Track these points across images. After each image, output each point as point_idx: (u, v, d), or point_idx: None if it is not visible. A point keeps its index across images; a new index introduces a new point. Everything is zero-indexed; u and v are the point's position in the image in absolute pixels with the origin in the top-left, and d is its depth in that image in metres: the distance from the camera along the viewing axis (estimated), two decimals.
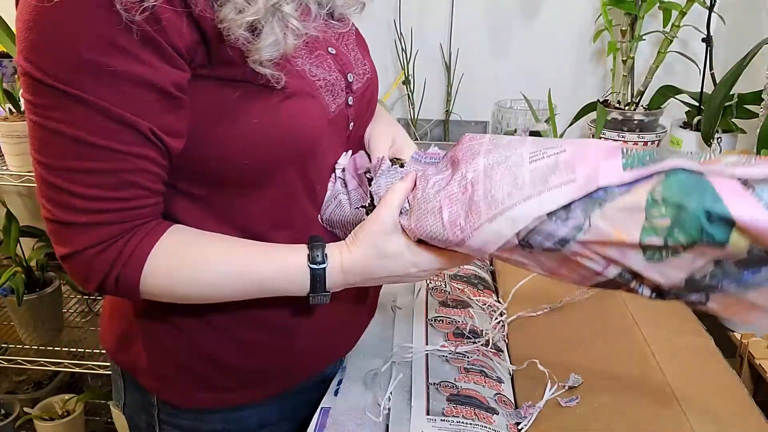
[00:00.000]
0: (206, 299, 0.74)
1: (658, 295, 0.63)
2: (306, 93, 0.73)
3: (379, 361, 1.00)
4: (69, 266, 0.69)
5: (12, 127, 1.55)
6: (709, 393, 0.80)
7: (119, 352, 0.88)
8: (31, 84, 0.63)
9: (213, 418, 0.87)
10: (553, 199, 0.61)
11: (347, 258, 0.73)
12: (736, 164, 0.57)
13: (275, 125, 0.70)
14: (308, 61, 0.75)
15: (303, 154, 0.74)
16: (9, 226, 1.73)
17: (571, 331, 0.99)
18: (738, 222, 0.54)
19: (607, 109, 1.60)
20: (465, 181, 0.68)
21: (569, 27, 1.72)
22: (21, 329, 1.83)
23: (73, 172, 0.64)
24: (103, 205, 0.66)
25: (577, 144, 0.64)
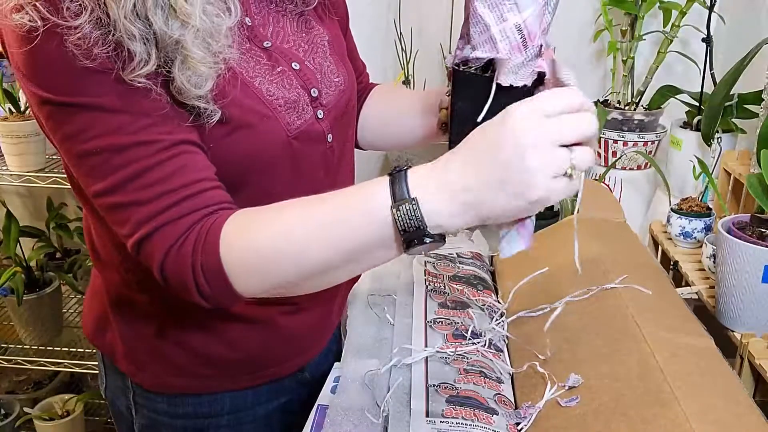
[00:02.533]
0: (295, 264, 0.65)
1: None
2: (261, 115, 0.73)
3: (376, 361, 1.00)
4: (168, 283, 0.68)
5: (12, 127, 1.55)
6: (709, 393, 0.80)
7: (97, 336, 0.91)
8: (54, 115, 0.66)
9: (186, 401, 0.89)
10: None
11: (439, 163, 0.61)
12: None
13: (230, 146, 0.71)
14: (268, 79, 0.75)
15: (261, 171, 0.75)
16: (9, 226, 1.73)
17: (571, 331, 0.98)
18: None
19: (607, 109, 1.60)
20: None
21: (569, 27, 1.72)
22: (21, 329, 1.83)
23: (131, 180, 0.65)
24: (169, 199, 0.66)
25: None
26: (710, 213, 1.28)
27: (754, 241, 0.98)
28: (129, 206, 0.66)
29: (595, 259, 1.15)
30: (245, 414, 0.93)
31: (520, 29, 0.69)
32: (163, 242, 0.66)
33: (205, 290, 0.67)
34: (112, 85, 0.65)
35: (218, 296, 0.68)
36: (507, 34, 0.69)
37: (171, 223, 0.66)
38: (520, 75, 0.71)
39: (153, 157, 0.65)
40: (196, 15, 0.64)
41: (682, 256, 1.28)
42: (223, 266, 0.65)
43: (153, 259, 0.67)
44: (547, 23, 0.72)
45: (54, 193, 1.87)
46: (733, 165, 1.31)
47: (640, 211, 1.62)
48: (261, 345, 0.88)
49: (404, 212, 0.59)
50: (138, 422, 0.92)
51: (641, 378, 0.83)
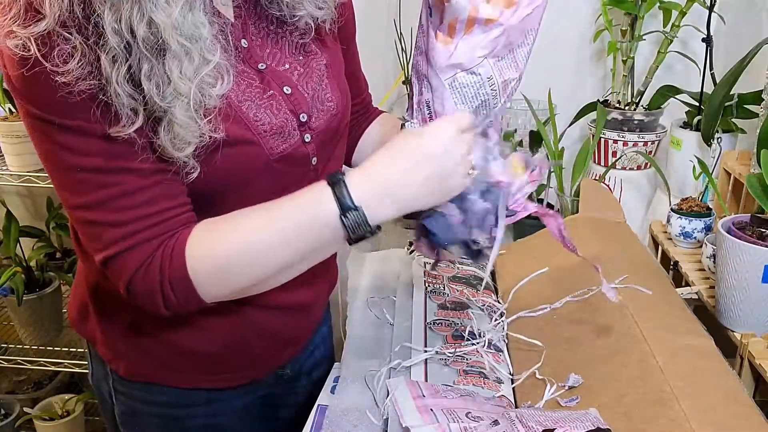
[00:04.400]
0: (258, 267, 0.71)
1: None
2: (244, 139, 0.75)
3: (376, 361, 1.00)
4: (134, 299, 0.72)
5: (12, 127, 1.55)
6: (709, 393, 0.80)
7: (80, 322, 0.94)
8: (41, 129, 0.67)
9: (162, 389, 0.91)
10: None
11: (367, 163, 0.71)
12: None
13: (207, 169, 0.72)
14: (256, 104, 0.77)
15: (240, 188, 0.77)
16: (9, 226, 1.73)
17: (571, 331, 0.98)
18: None
19: (607, 109, 1.60)
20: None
21: (569, 27, 1.72)
22: (21, 329, 1.83)
23: (107, 202, 0.68)
24: (144, 222, 0.69)
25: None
26: (710, 213, 1.28)
27: (754, 241, 0.98)
28: (104, 225, 0.69)
29: (595, 259, 1.15)
30: (222, 405, 0.94)
31: (428, 106, 0.78)
32: (132, 262, 0.70)
33: (171, 302, 0.71)
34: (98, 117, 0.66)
35: (184, 305, 0.72)
36: (420, 107, 0.78)
37: (142, 245, 0.70)
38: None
39: (134, 182, 0.68)
40: (190, 91, 0.66)
41: (682, 256, 1.28)
42: (190, 276, 0.70)
43: (120, 277, 0.71)
44: (453, 109, 0.77)
45: (54, 193, 1.87)
46: (733, 165, 1.31)
47: (640, 211, 1.62)
48: (237, 339, 0.89)
49: (352, 220, 0.69)
50: (118, 408, 0.94)
51: (641, 378, 0.83)
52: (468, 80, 0.76)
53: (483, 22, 0.73)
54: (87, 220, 0.70)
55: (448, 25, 0.73)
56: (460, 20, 0.73)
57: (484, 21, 0.72)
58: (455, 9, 0.72)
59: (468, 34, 0.73)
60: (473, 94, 0.76)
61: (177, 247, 0.70)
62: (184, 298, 0.71)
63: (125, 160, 0.68)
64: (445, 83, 0.75)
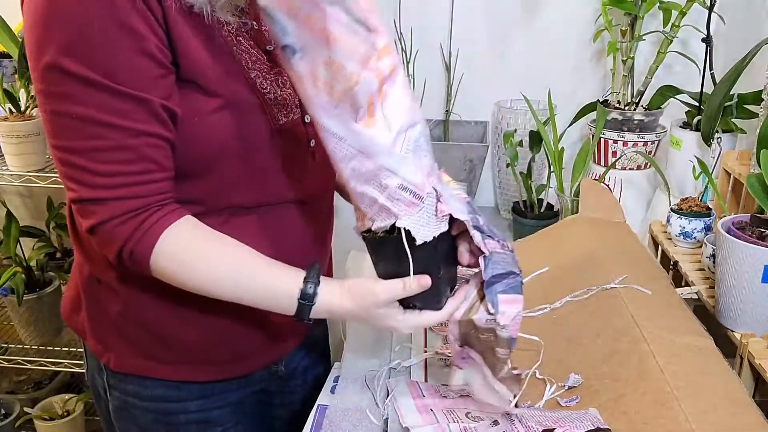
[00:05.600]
0: (204, 293, 0.79)
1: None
2: (248, 103, 0.79)
3: (376, 361, 1.00)
4: (94, 239, 0.76)
5: (12, 127, 1.55)
6: (709, 393, 0.80)
7: (72, 316, 0.95)
8: (46, 74, 0.69)
9: (155, 384, 0.91)
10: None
11: (337, 305, 0.80)
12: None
13: (216, 123, 0.77)
14: (263, 75, 0.81)
15: (241, 154, 0.80)
16: (9, 226, 1.73)
17: (571, 331, 0.98)
18: None
19: (607, 109, 1.60)
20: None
21: (569, 27, 1.72)
22: (21, 329, 1.83)
23: (92, 152, 0.71)
24: (122, 179, 0.72)
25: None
26: (710, 213, 1.28)
27: (754, 241, 0.98)
28: (84, 170, 0.72)
29: (595, 259, 1.15)
30: (215, 399, 0.95)
31: (404, 187, 0.73)
32: (104, 212, 0.73)
33: (123, 261, 0.76)
34: (119, 59, 0.69)
35: (131, 269, 0.78)
36: (395, 197, 0.73)
37: (119, 201, 0.73)
38: (429, 228, 0.75)
39: (121, 140, 0.71)
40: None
41: (682, 256, 1.28)
42: (150, 260, 0.76)
43: (89, 219, 0.74)
44: (428, 166, 0.75)
45: (54, 193, 1.87)
46: (732, 165, 1.31)
47: (640, 211, 1.62)
48: (222, 331, 0.89)
49: (304, 311, 0.79)
50: (111, 403, 0.95)
51: (641, 378, 0.83)
52: (415, 131, 0.74)
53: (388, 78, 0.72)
54: (69, 161, 0.73)
55: (367, 105, 0.71)
56: (372, 92, 0.71)
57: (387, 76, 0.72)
58: (366, 86, 0.70)
59: (384, 101, 0.72)
60: (425, 142, 0.76)
61: (154, 229, 0.74)
62: (135, 267, 0.76)
63: (119, 117, 0.70)
64: (407, 151, 0.73)
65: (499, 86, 1.77)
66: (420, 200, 0.74)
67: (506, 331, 0.76)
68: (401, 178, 0.72)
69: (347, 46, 0.68)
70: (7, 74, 1.68)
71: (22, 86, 1.57)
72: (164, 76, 0.72)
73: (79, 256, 0.91)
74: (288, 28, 0.68)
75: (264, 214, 0.86)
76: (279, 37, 0.69)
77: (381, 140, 0.71)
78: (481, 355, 0.77)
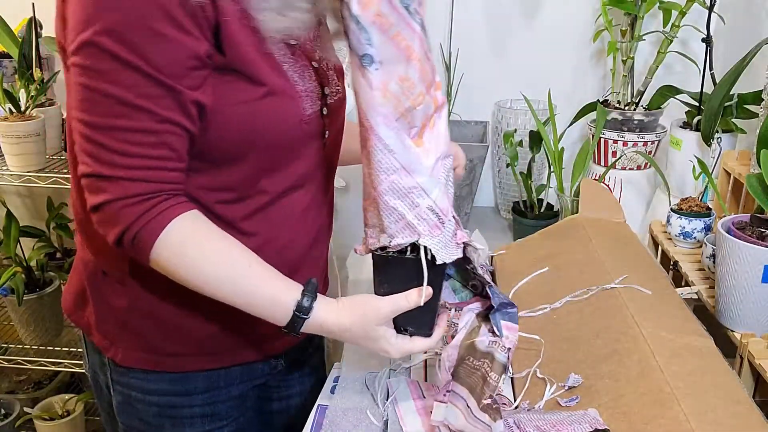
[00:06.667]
0: (197, 289, 0.79)
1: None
2: (286, 94, 0.82)
3: (376, 362, 1.00)
4: (98, 216, 0.76)
5: (12, 127, 1.55)
6: (709, 393, 0.80)
7: (75, 312, 0.95)
8: (86, 48, 0.71)
9: (159, 378, 0.92)
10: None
11: (333, 322, 0.81)
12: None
13: (258, 109, 0.79)
14: (292, 68, 0.84)
15: (274, 142, 0.82)
16: (9, 226, 1.73)
17: (571, 331, 0.98)
18: None
19: (607, 109, 1.60)
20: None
21: (569, 27, 1.72)
22: (21, 329, 1.83)
23: (116, 130, 0.73)
24: (139, 162, 0.74)
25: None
26: (710, 213, 1.28)
27: (754, 241, 0.98)
28: (103, 146, 0.73)
29: (595, 259, 1.15)
30: (219, 393, 0.95)
31: (433, 210, 0.78)
32: (115, 190, 0.74)
33: (124, 244, 0.76)
34: (158, 47, 0.71)
35: (130, 254, 0.78)
36: (423, 217, 0.78)
37: (131, 182, 0.74)
38: (448, 251, 0.79)
39: (147, 124, 0.73)
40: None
41: (681, 256, 1.28)
42: (152, 251, 0.76)
43: (98, 196, 0.75)
44: (452, 196, 0.81)
45: (54, 193, 1.87)
46: (732, 165, 1.31)
47: (640, 211, 1.62)
48: (234, 321, 0.90)
49: (293, 326, 0.80)
50: (115, 399, 0.95)
51: (641, 378, 0.83)
52: (449, 162, 0.80)
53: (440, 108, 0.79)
54: (89, 136, 0.73)
55: (421, 126, 0.77)
56: (428, 115, 0.77)
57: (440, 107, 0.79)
58: (425, 109, 0.77)
59: (432, 128, 0.78)
60: (451, 175, 0.82)
61: (162, 216, 0.75)
62: (135, 252, 0.77)
63: (148, 101, 0.72)
64: (441, 177, 0.79)
65: (499, 86, 1.77)
66: (442, 225, 0.79)
67: (504, 356, 0.80)
68: (432, 200, 0.78)
69: (422, 69, 0.75)
70: (7, 74, 1.68)
71: (22, 86, 1.57)
72: (198, 69, 0.74)
73: (85, 249, 0.91)
74: (374, 39, 0.72)
75: (283, 198, 0.88)
76: (361, 46, 0.72)
77: (425, 161, 0.77)
78: (469, 390, 0.79)
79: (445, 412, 0.79)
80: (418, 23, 0.73)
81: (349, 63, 0.77)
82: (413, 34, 0.73)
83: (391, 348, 0.83)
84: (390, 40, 0.72)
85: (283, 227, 0.87)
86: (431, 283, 0.79)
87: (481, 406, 0.77)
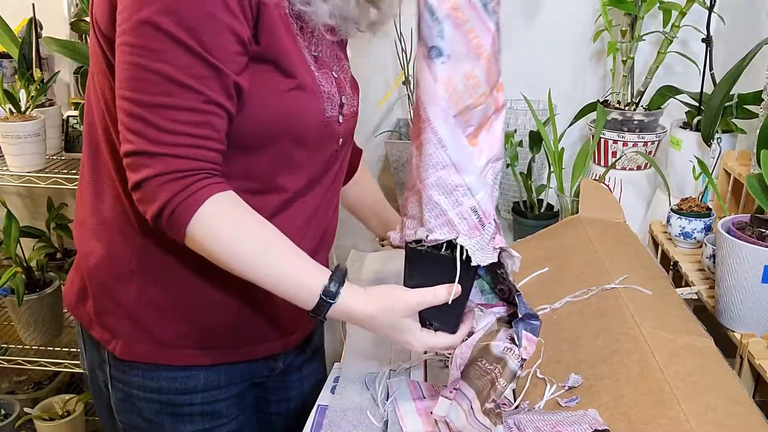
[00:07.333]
0: (228, 267, 0.80)
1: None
2: (311, 91, 0.84)
3: (376, 362, 1.01)
4: (139, 193, 0.78)
5: (12, 127, 1.55)
6: (709, 393, 0.80)
7: (77, 305, 0.96)
8: (140, 27, 0.73)
9: (159, 375, 0.92)
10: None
11: (359, 309, 0.81)
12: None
13: (286, 101, 0.82)
14: (318, 70, 0.87)
15: (294, 136, 0.85)
16: (9, 226, 1.73)
17: (571, 331, 0.98)
18: None
19: (607, 110, 1.60)
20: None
21: (569, 27, 1.72)
22: (21, 329, 1.83)
23: (164, 108, 0.74)
24: (183, 139, 0.75)
25: None
26: (710, 213, 1.28)
27: (753, 241, 0.98)
28: (150, 124, 0.75)
29: (595, 259, 1.15)
30: (219, 392, 0.95)
31: (475, 210, 0.78)
32: (157, 166, 0.75)
33: (162, 223, 0.77)
34: (210, 29, 0.73)
35: (167, 230, 0.79)
36: (464, 216, 0.78)
37: (175, 158, 0.75)
38: (485, 254, 0.79)
39: (194, 103, 0.75)
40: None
41: (682, 257, 1.28)
42: (188, 227, 0.77)
43: (140, 172, 0.76)
44: (495, 200, 0.81)
45: (54, 193, 1.87)
46: (732, 165, 1.31)
47: (640, 211, 1.62)
48: (240, 315, 0.91)
49: (319, 310, 0.80)
50: (114, 396, 0.95)
51: (641, 378, 0.83)
52: (498, 165, 0.80)
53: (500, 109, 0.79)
54: (135, 113, 0.75)
55: (478, 126, 0.77)
56: (486, 116, 0.77)
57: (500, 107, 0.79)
58: (485, 110, 0.76)
59: (488, 129, 0.78)
60: (498, 180, 0.81)
61: (201, 193, 0.76)
62: (171, 229, 0.78)
63: (196, 81, 0.74)
64: (489, 179, 0.78)
65: None
66: (482, 227, 0.79)
67: (517, 364, 0.79)
68: (476, 201, 0.77)
69: (489, 68, 0.74)
70: (7, 74, 1.68)
71: (22, 86, 1.57)
72: (242, 54, 0.77)
73: (95, 239, 0.90)
74: (446, 32, 0.71)
75: (297, 200, 0.90)
76: (431, 37, 0.72)
77: (476, 161, 0.77)
78: (476, 392, 0.78)
79: (449, 409, 0.78)
80: (494, 22, 0.73)
81: (416, 52, 0.76)
82: (487, 32, 0.72)
83: (415, 341, 0.83)
84: (462, 36, 0.71)
85: (290, 231, 0.86)
86: (462, 282, 0.79)
87: (483, 409, 0.77)
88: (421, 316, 0.83)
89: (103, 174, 0.89)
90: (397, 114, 1.84)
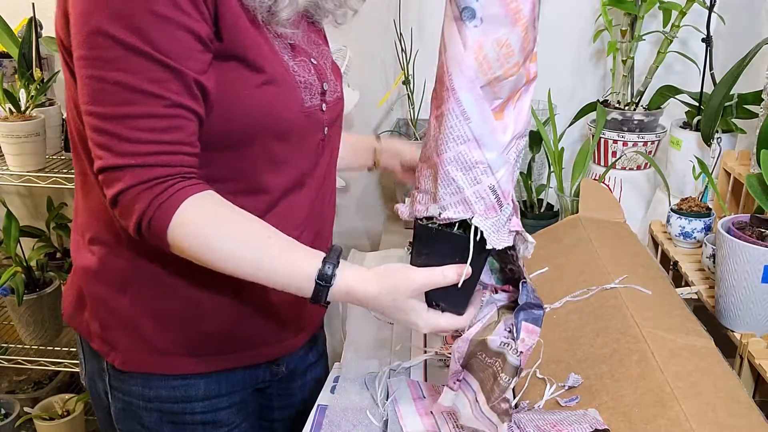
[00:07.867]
0: (219, 268, 0.78)
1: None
2: (286, 83, 0.82)
3: (376, 362, 1.00)
4: (117, 209, 0.76)
5: (12, 127, 1.55)
6: (709, 393, 0.80)
7: (74, 316, 0.94)
8: (90, 39, 0.72)
9: (159, 384, 0.91)
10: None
11: (360, 289, 0.78)
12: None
13: (258, 96, 0.79)
14: (291, 60, 0.84)
15: (274, 131, 0.83)
16: (9, 226, 1.73)
17: (571, 331, 0.98)
18: None
19: (607, 109, 1.60)
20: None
21: (569, 27, 1.72)
22: (21, 329, 1.83)
23: (127, 118, 0.72)
24: (150, 147, 0.73)
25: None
26: (710, 213, 1.28)
27: (753, 241, 0.98)
28: (114, 136, 0.73)
29: (595, 259, 1.15)
30: (220, 400, 0.94)
31: (494, 190, 0.72)
32: (128, 179, 0.74)
33: (143, 233, 0.76)
34: (161, 30, 0.71)
35: (149, 240, 0.77)
36: (482, 195, 0.72)
37: (145, 168, 0.74)
38: (500, 236, 0.74)
39: (156, 108, 0.73)
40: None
41: (681, 256, 1.28)
42: (168, 233, 0.75)
43: (113, 187, 0.75)
44: (515, 180, 0.75)
45: (54, 193, 1.87)
46: (732, 165, 1.31)
47: (640, 211, 1.62)
48: (236, 320, 0.90)
49: (318, 296, 0.78)
50: (114, 406, 0.94)
51: (641, 378, 0.83)
52: (522, 142, 0.74)
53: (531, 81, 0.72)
54: (100, 128, 0.73)
55: (506, 98, 0.71)
56: (516, 88, 0.71)
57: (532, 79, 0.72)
58: (516, 82, 0.69)
59: (516, 103, 0.71)
60: (521, 158, 0.76)
61: (175, 197, 0.74)
62: (153, 239, 0.76)
63: (157, 86, 0.72)
64: (511, 158, 0.73)
65: None
66: (500, 207, 0.74)
67: (517, 359, 0.74)
68: (496, 179, 0.72)
69: (525, 37, 0.67)
70: (7, 74, 1.68)
71: (22, 86, 1.57)
72: (202, 52, 0.75)
73: (82, 253, 0.90)
74: None
75: (285, 200, 0.88)
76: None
77: (500, 137, 0.71)
78: (480, 383, 0.76)
79: (454, 398, 0.77)
80: None
81: (445, 14, 0.69)
82: None
83: (421, 321, 0.80)
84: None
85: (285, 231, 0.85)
86: (473, 264, 0.75)
87: (490, 405, 0.74)
88: (428, 297, 0.79)
89: (89, 186, 0.87)
90: (396, 114, 1.84)
